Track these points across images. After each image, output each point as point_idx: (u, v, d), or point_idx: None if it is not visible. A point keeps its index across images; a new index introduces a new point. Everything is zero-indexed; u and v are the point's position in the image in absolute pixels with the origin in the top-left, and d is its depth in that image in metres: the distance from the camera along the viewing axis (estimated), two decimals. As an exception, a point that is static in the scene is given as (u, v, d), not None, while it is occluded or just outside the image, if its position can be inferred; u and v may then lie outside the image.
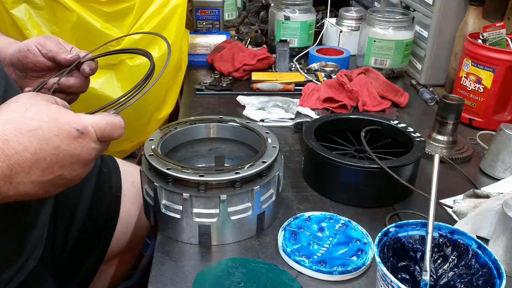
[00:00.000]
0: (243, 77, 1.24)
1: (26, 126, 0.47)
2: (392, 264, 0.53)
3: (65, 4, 1.05)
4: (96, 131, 0.51)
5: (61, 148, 0.48)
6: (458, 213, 0.70)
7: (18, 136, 0.46)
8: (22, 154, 0.46)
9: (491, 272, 0.49)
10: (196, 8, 1.48)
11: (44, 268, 0.71)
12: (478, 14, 1.09)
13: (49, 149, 0.48)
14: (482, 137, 0.96)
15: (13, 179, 0.47)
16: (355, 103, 1.06)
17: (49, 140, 0.48)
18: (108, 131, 0.52)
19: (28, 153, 0.47)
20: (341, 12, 1.46)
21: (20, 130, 0.46)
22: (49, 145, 0.48)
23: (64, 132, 0.48)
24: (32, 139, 0.47)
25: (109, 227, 0.88)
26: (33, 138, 0.47)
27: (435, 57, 1.20)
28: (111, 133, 0.52)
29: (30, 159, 0.47)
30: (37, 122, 0.47)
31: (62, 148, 0.48)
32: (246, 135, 0.77)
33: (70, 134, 0.49)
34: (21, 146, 0.46)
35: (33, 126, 0.47)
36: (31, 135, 0.47)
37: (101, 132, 0.51)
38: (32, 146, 0.47)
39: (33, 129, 0.47)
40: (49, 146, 0.48)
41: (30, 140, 0.47)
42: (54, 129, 0.48)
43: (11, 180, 0.46)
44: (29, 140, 0.47)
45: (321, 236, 0.66)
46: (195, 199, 0.63)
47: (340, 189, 0.76)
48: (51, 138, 0.48)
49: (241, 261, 0.62)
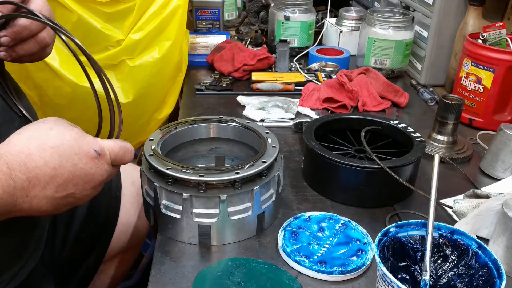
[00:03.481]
0: (243, 77, 1.24)
1: (49, 142, 0.50)
2: (392, 264, 0.53)
3: (65, 4, 1.05)
4: (111, 154, 0.55)
5: (78, 166, 0.51)
6: (458, 213, 0.70)
7: (41, 151, 0.49)
8: (42, 169, 0.48)
9: (491, 272, 0.49)
10: (196, 8, 1.48)
11: (44, 268, 0.71)
12: (478, 14, 1.09)
13: (68, 166, 0.50)
14: (482, 137, 0.96)
15: (29, 193, 0.48)
16: (355, 103, 1.06)
17: (69, 157, 0.50)
18: (120, 155, 0.56)
19: (48, 168, 0.49)
20: (341, 12, 1.46)
21: (44, 146, 0.49)
22: (68, 162, 0.50)
23: (83, 152, 0.52)
24: (54, 155, 0.49)
25: (108, 227, 0.88)
26: (54, 155, 0.49)
27: (435, 57, 1.20)
28: (123, 157, 0.57)
29: (48, 174, 0.49)
30: (59, 140, 0.50)
31: (79, 166, 0.51)
32: (246, 135, 0.77)
33: (88, 154, 0.52)
34: (42, 161, 0.48)
35: (56, 144, 0.50)
36: (54, 151, 0.49)
37: (115, 156, 0.56)
38: (52, 161, 0.49)
39: (55, 146, 0.50)
40: (68, 163, 0.50)
41: (51, 156, 0.49)
42: (75, 148, 0.51)
43: (27, 193, 0.48)
44: (51, 156, 0.49)
45: (321, 236, 0.66)
46: (195, 199, 0.63)
47: (340, 189, 0.76)
48: (71, 156, 0.51)
49: (241, 261, 0.62)
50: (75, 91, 1.10)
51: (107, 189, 0.88)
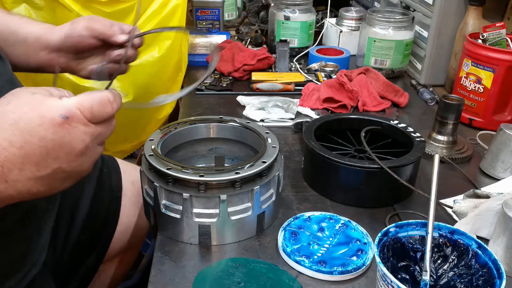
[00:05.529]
0: (243, 77, 1.24)
1: (7, 119, 0.44)
2: (392, 264, 0.53)
3: (65, 4, 1.05)
4: (83, 112, 0.46)
5: (47, 138, 0.44)
6: (458, 213, 0.70)
7: (2, 131, 0.43)
8: (9, 150, 0.43)
9: (491, 272, 0.49)
10: (196, 8, 1.48)
11: (45, 269, 0.71)
12: (478, 14, 1.09)
13: (35, 141, 0.44)
14: (482, 137, 0.96)
15: (7, 177, 0.44)
16: (355, 103, 1.06)
17: (33, 131, 0.44)
18: (98, 109, 0.47)
19: (15, 148, 0.43)
20: (341, 12, 1.46)
21: (3, 125, 0.43)
22: (34, 137, 0.44)
23: (47, 121, 0.44)
24: (16, 133, 0.43)
25: (109, 228, 0.88)
26: (16, 132, 0.43)
27: (435, 57, 1.20)
28: (102, 110, 0.48)
29: (18, 154, 0.44)
30: (17, 114, 0.44)
31: (49, 138, 0.44)
32: (246, 135, 0.77)
33: (53, 121, 0.44)
34: (6, 142, 0.43)
35: (14, 119, 0.44)
36: (14, 128, 0.43)
37: (90, 112, 0.47)
38: (17, 140, 0.43)
39: (14, 122, 0.44)
40: (34, 138, 0.44)
41: (13, 133, 0.43)
42: (36, 119, 0.44)
43: (6, 178, 0.44)
44: (13, 134, 0.43)
45: (321, 236, 0.66)
46: (195, 199, 0.63)
47: (340, 189, 0.76)
48: (34, 129, 0.44)
49: (241, 261, 0.62)
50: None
51: (108, 189, 0.88)
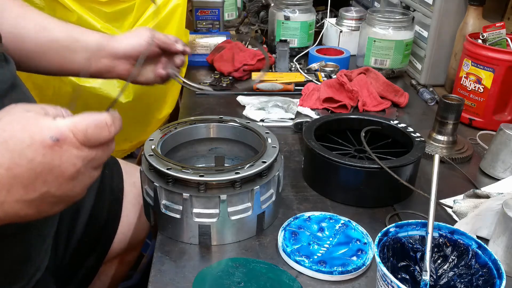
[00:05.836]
0: (243, 77, 1.24)
1: None
2: (392, 264, 0.53)
3: (65, 4, 1.05)
4: (76, 135, 0.43)
5: (36, 160, 0.41)
6: (458, 213, 0.70)
7: None
8: None
9: (491, 272, 0.49)
10: (196, 8, 1.48)
11: (46, 273, 0.71)
12: (478, 14, 1.09)
13: (23, 163, 0.41)
14: (482, 137, 0.96)
15: None
16: (355, 103, 1.06)
17: (22, 153, 0.41)
18: (92, 132, 0.44)
19: (3, 169, 0.41)
20: (341, 12, 1.46)
21: None
22: (22, 159, 0.41)
23: (37, 142, 0.41)
24: (4, 153, 0.41)
25: (110, 229, 0.88)
26: (4, 152, 0.41)
27: (435, 57, 1.20)
28: (97, 133, 0.44)
29: (6, 176, 0.41)
30: (8, 133, 0.41)
31: (37, 161, 0.41)
32: (246, 135, 0.77)
33: (43, 143, 0.41)
34: None
35: (4, 138, 0.41)
36: (2, 148, 0.41)
37: (84, 135, 0.43)
38: (5, 161, 0.41)
39: (3, 141, 0.41)
40: (22, 160, 0.41)
41: (2, 154, 0.41)
42: (26, 139, 0.41)
43: None
44: (1, 155, 0.41)
45: (321, 236, 0.66)
46: (195, 199, 0.63)
47: (340, 189, 0.76)
48: (23, 151, 0.41)
49: (241, 261, 0.62)
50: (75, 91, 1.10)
51: (109, 191, 0.88)
